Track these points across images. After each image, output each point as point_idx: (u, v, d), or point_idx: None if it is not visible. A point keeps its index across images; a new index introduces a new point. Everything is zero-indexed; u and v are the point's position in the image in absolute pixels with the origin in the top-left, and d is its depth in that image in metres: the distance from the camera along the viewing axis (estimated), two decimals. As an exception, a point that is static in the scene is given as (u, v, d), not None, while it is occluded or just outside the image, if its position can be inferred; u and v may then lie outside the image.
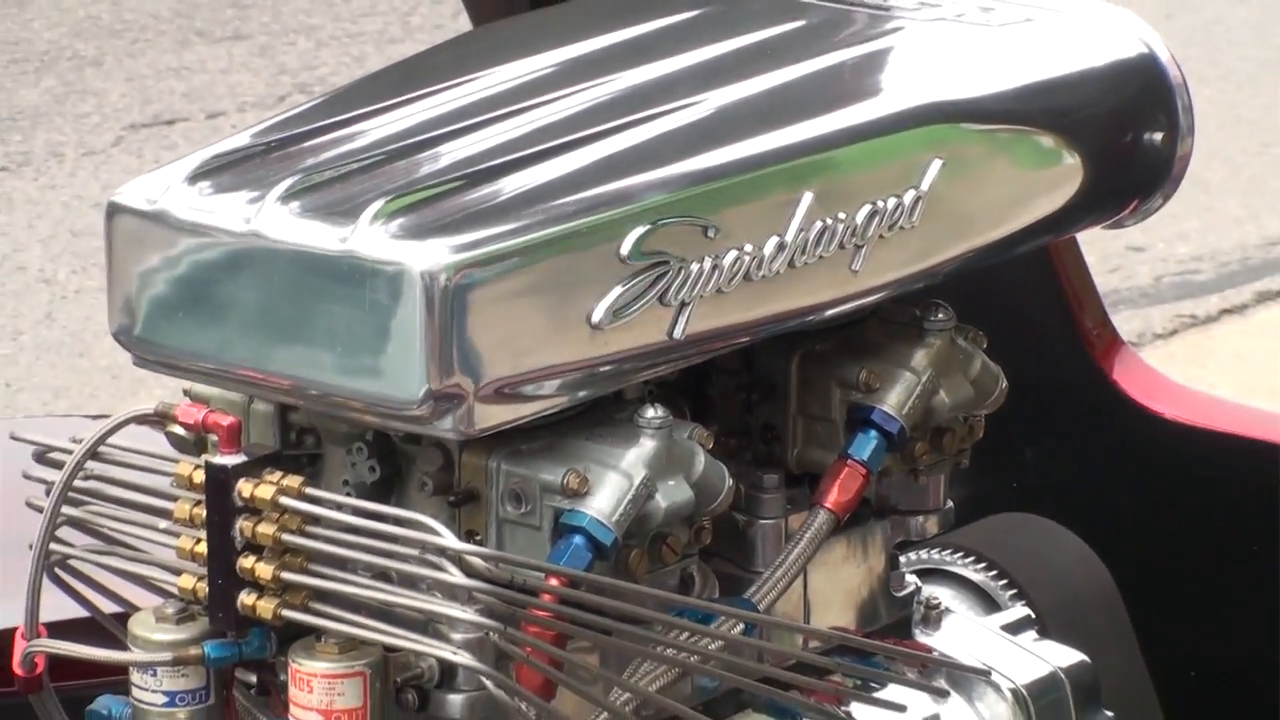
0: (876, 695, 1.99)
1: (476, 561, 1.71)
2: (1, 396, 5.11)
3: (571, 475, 1.76)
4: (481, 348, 1.71)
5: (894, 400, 1.97)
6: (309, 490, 1.76)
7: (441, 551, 1.71)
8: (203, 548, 1.77)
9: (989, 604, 2.26)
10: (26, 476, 1.88)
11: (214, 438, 1.79)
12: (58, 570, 1.87)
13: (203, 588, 1.78)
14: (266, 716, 1.87)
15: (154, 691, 1.82)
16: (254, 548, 1.75)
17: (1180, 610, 2.37)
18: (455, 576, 1.70)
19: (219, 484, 1.75)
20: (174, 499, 1.80)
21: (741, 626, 1.88)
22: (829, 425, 2.00)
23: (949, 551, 2.27)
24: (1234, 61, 6.58)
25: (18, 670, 1.87)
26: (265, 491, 1.74)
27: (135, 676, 1.82)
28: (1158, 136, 2.09)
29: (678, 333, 1.79)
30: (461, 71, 1.97)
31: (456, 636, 1.74)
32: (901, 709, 1.99)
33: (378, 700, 1.78)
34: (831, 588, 2.04)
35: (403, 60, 1.99)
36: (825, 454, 1.99)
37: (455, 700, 1.80)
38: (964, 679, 2.07)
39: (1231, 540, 2.41)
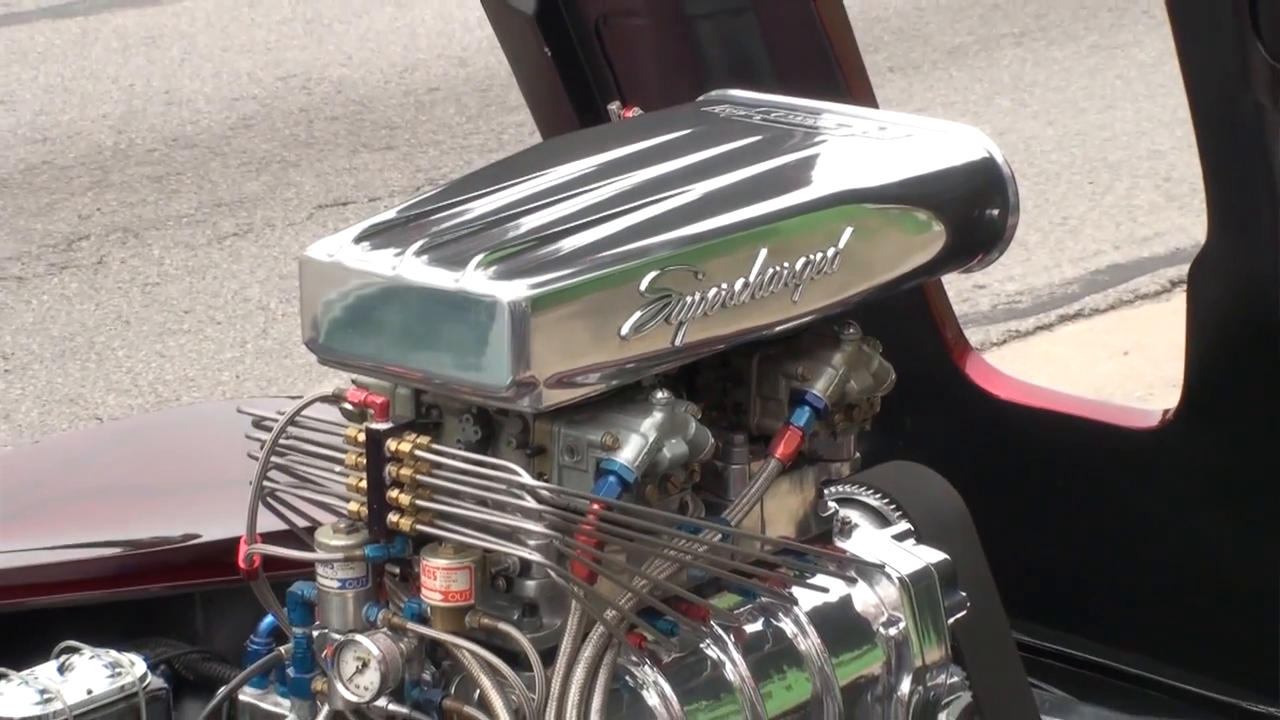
0: (809, 581, 2.10)
1: (544, 493, 1.85)
2: (232, 385, 5.32)
3: (607, 436, 1.90)
4: (546, 352, 1.84)
5: (820, 386, 2.07)
6: (433, 445, 1.89)
7: (521, 486, 1.85)
8: (364, 484, 1.90)
9: (883, 521, 2.28)
10: (248, 436, 2.00)
11: (371, 411, 1.90)
12: (269, 499, 1.99)
13: (364, 511, 1.91)
14: (407, 596, 1.94)
15: (332, 579, 1.93)
16: (397, 484, 1.88)
17: (1009, 526, 2.37)
18: (530, 503, 1.84)
19: (374, 442, 1.88)
20: (345, 452, 1.92)
21: (719, 536, 2.00)
22: (777, 403, 2.09)
23: (856, 487, 2.29)
24: (1044, 164, 6.77)
25: (241, 565, 1.99)
26: (405, 447, 1.87)
27: (319, 569, 1.94)
28: (995, 212, 2.17)
29: (678, 342, 1.92)
30: (534, 169, 2.08)
31: (530, 542, 1.85)
32: (825, 590, 2.11)
33: (479, 585, 1.91)
34: (778, 510, 2.12)
35: (496, 162, 2.11)
36: (775, 422, 2.08)
37: (530, 585, 1.93)
38: (867, 571, 2.17)
39: (1044, 479, 2.50)
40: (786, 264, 1.99)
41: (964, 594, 2.23)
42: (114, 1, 8.65)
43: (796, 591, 2.11)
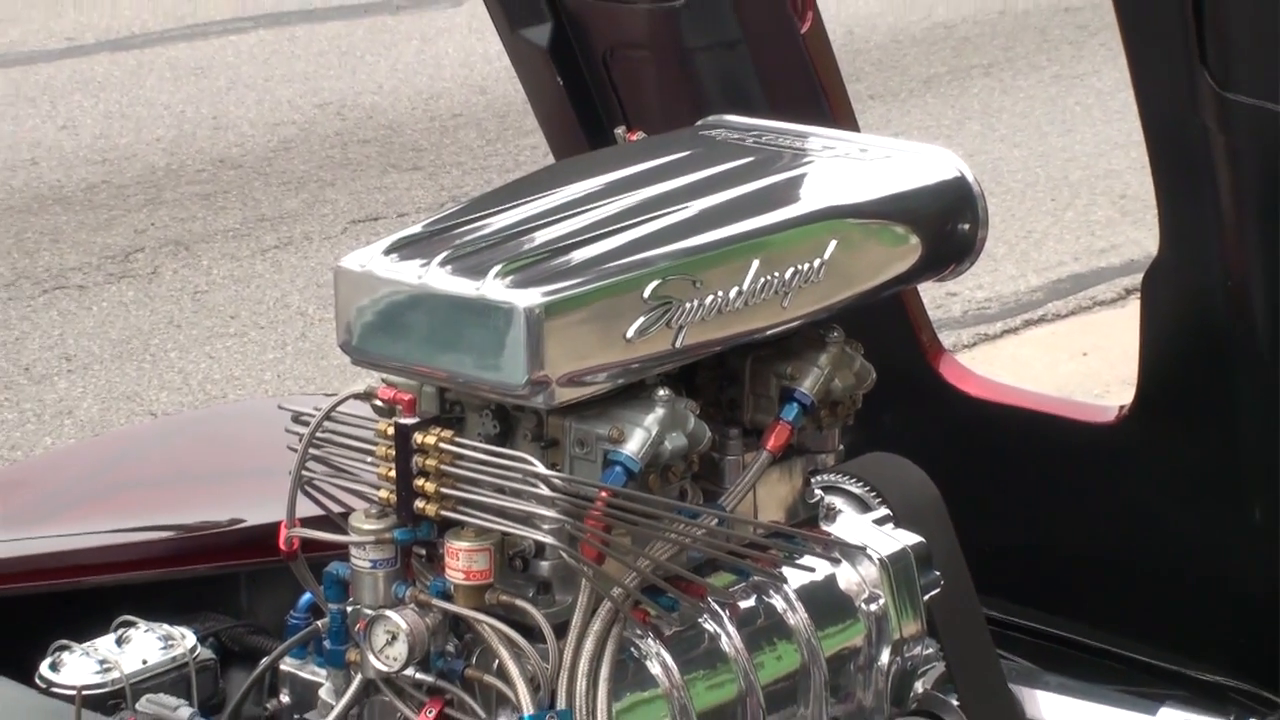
0: (797, 562, 2.11)
1: (556, 481, 1.85)
2: (273, 384, 5.34)
3: (614, 430, 1.90)
4: (558, 354, 1.84)
5: (808, 384, 2.06)
6: (456, 439, 1.89)
7: (536, 475, 1.85)
8: (393, 474, 1.90)
9: (864, 507, 2.27)
10: (288, 430, 2.00)
11: (400, 408, 1.91)
12: (307, 487, 1.99)
13: (393, 498, 1.91)
14: (432, 575, 1.94)
15: (364, 560, 1.94)
16: (423, 473, 1.88)
17: (979, 512, 2.35)
18: (544, 491, 1.84)
19: (403, 436, 1.89)
20: (376, 444, 1.93)
21: (716, 520, 2.01)
22: (769, 400, 2.08)
23: (840, 476, 2.27)
24: (1011, 182, 6.76)
25: (282, 547, 1.99)
26: (430, 440, 1.88)
27: (353, 551, 1.94)
28: (966, 226, 2.16)
29: (678, 344, 1.92)
30: (547, 188, 2.07)
31: (544, 526, 1.86)
32: (811, 570, 2.12)
33: (497, 565, 1.91)
34: (769, 497, 2.11)
35: (512, 181, 2.12)
36: (766, 417, 2.08)
37: (544, 565, 1.93)
38: (850, 552, 2.17)
39: (1011, 469, 2.50)
40: (777, 273, 1.99)
41: (938, 573, 2.22)
42: (166, 35, 8.67)
43: (786, 571, 2.12)
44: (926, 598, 2.21)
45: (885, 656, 2.17)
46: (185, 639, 2.22)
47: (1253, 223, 2.23)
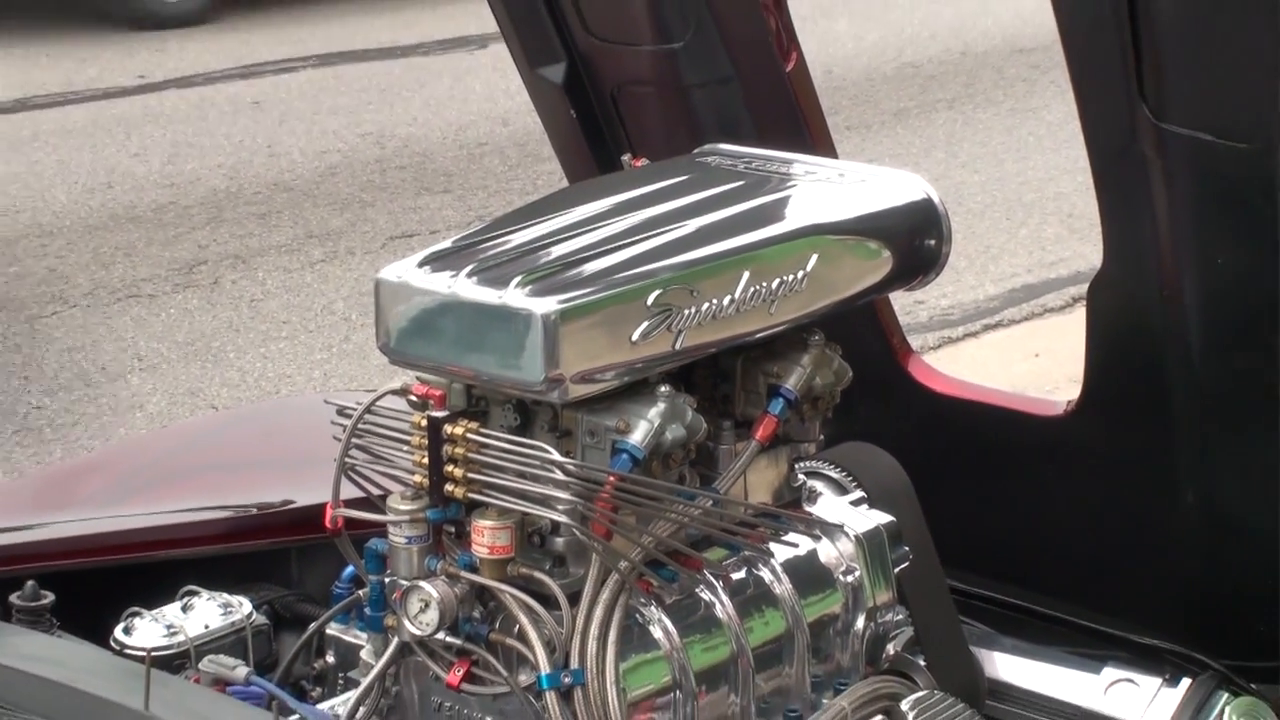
0: (782, 539, 2.11)
1: (570, 467, 1.86)
2: (320, 381, 5.35)
3: (620, 422, 1.90)
4: (571, 354, 1.84)
5: (792, 382, 2.07)
6: (481, 430, 1.90)
7: (551, 462, 1.85)
8: (425, 461, 1.91)
9: (841, 490, 2.25)
10: (333, 422, 2.01)
11: (432, 402, 1.92)
12: (350, 472, 2.00)
13: (425, 482, 1.91)
14: (460, 550, 1.94)
15: (400, 536, 1.93)
16: (452, 460, 1.89)
17: (943, 494, 2.33)
18: (559, 475, 1.85)
19: (434, 427, 1.89)
20: (411, 435, 1.93)
21: (710, 502, 2.01)
22: (757, 395, 2.08)
23: (820, 463, 2.25)
24: (971, 203, 6.79)
25: (328, 525, 2.00)
26: (459, 431, 1.88)
27: (390, 529, 1.94)
28: (932, 242, 2.16)
29: (677, 346, 1.92)
30: (561, 208, 2.08)
31: (559, 507, 1.86)
32: (795, 545, 2.12)
33: (518, 541, 1.91)
34: (758, 481, 2.11)
35: (531, 202, 2.12)
36: (755, 410, 2.08)
37: (559, 541, 1.93)
38: (829, 530, 2.16)
39: (971, 456, 2.48)
40: (764, 284, 1.99)
41: (907, 549, 2.22)
42: (226, 74, 8.70)
43: (773, 547, 2.11)
44: (897, 570, 2.20)
45: (860, 622, 2.17)
46: (242, 606, 2.23)
47: (1186, 239, 2.23)
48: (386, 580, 1.97)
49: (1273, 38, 1.99)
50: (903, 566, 2.21)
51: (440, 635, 1.91)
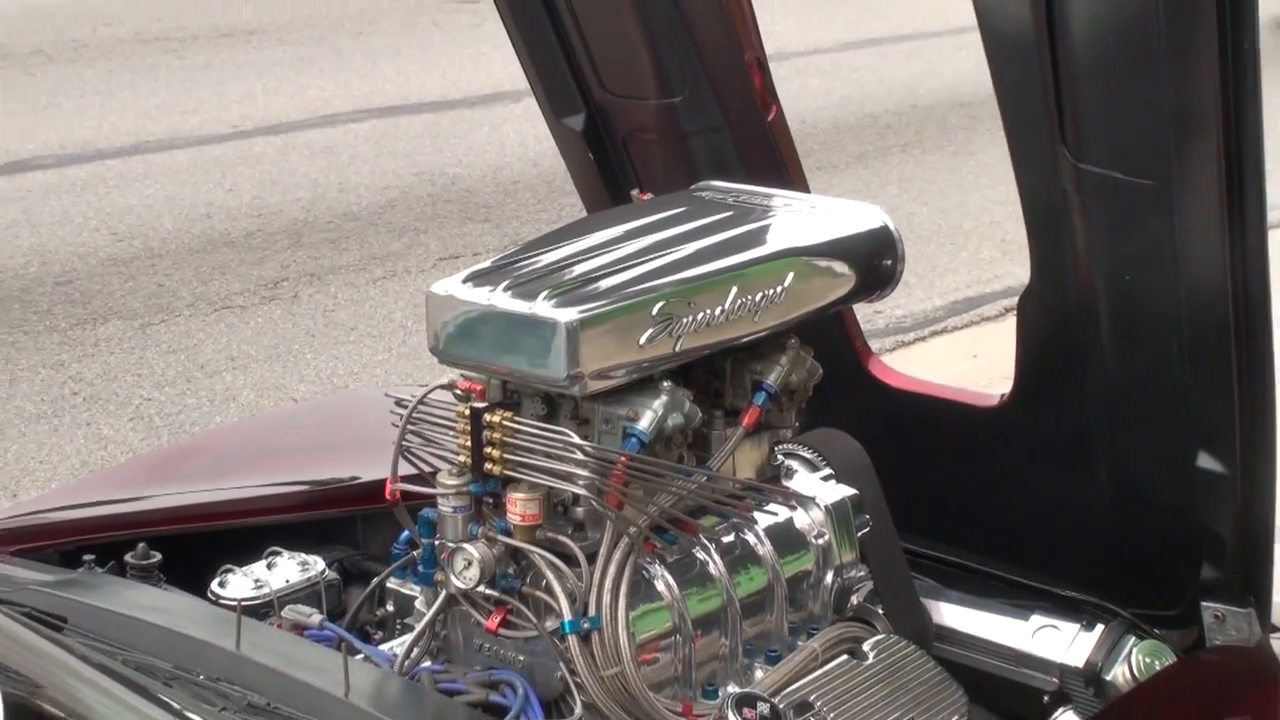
0: (764, 509, 2.11)
1: (588, 449, 1.86)
2: (382, 378, 5.32)
3: (630, 411, 1.90)
4: (589, 356, 1.84)
5: (773, 378, 2.07)
6: (515, 418, 1.90)
7: (573, 445, 1.85)
8: (469, 444, 1.90)
9: (813, 468, 2.24)
10: (392, 411, 2.00)
11: (474, 395, 1.92)
12: (406, 453, 1.99)
13: (468, 461, 1.91)
14: (497, 518, 1.93)
15: (448, 506, 1.93)
16: (490, 443, 1.89)
17: (898, 471, 2.31)
18: (579, 456, 1.85)
19: (476, 416, 1.89)
20: (456, 422, 1.93)
21: (705, 478, 2.00)
22: (744, 389, 2.08)
23: (796, 445, 2.25)
24: (921, 230, 6.74)
25: (388, 497, 1.98)
26: (496, 419, 1.88)
27: (439, 500, 1.94)
28: (888, 262, 2.15)
29: (677, 349, 1.91)
30: (580, 234, 2.07)
31: (579, 482, 1.85)
32: (775, 514, 2.12)
33: (545, 511, 1.90)
34: (744, 461, 2.11)
35: (555, 229, 2.11)
36: (742, 402, 2.08)
37: (579, 510, 1.93)
38: (803, 501, 2.16)
39: (921, 440, 2.46)
40: (750, 297, 1.98)
41: (867, 516, 2.21)
42: (305, 123, 8.70)
43: (756, 515, 2.11)
44: (859, 534, 2.19)
45: (829, 578, 2.16)
46: (317, 564, 2.22)
47: (1099, 259, 2.22)
48: (436, 543, 1.97)
49: (1168, 91, 1.98)
50: (864, 531, 2.20)
51: (481, 588, 1.91)
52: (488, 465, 1.90)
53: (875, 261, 2.14)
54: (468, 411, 1.90)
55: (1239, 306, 2.02)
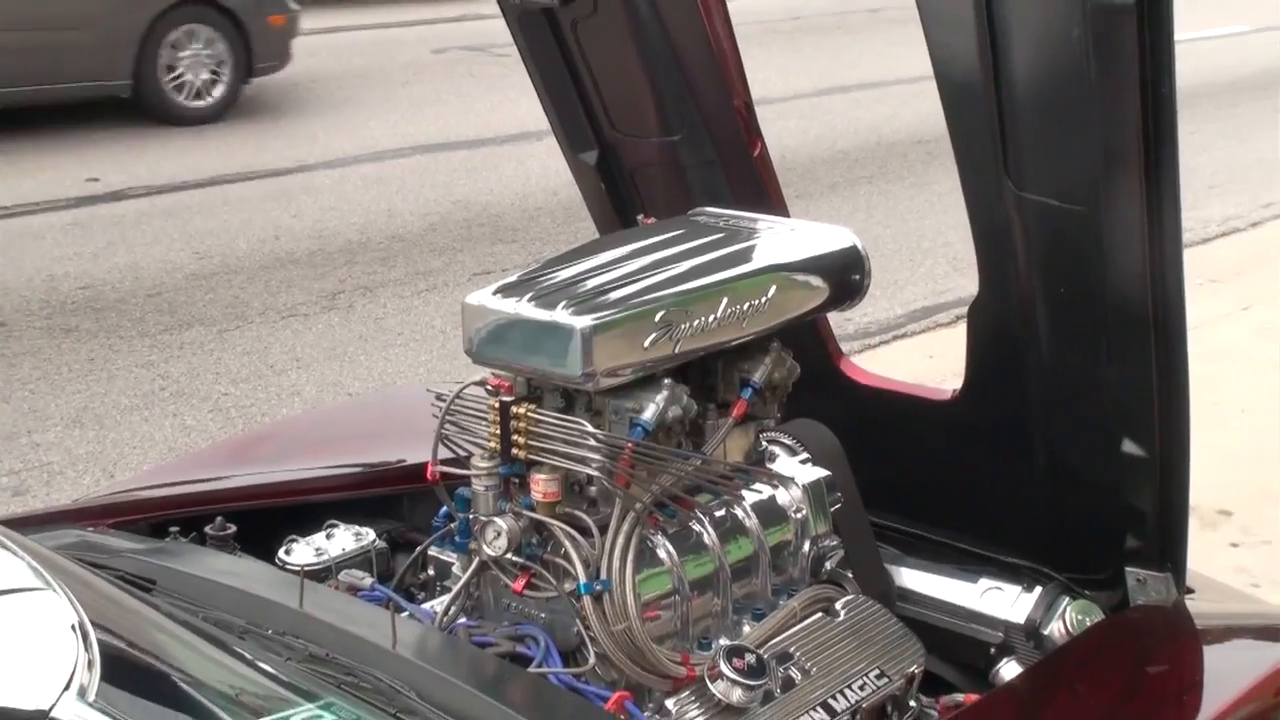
0: (751, 488, 2.08)
1: (600, 436, 1.83)
2: (424, 376, 5.28)
3: (636, 404, 1.86)
4: (601, 357, 1.81)
5: (758, 376, 2.04)
6: (537, 410, 1.88)
7: (587, 433, 1.84)
8: (498, 431, 1.88)
9: (793, 453, 2.23)
10: (433, 404, 1.98)
11: (502, 390, 1.90)
12: (445, 441, 1.97)
13: (498, 447, 1.88)
14: (522, 495, 1.90)
15: (480, 485, 1.91)
16: (517, 431, 1.87)
17: (865, 456, 2.29)
18: (592, 443, 1.83)
19: (504, 408, 1.88)
20: (487, 413, 1.91)
21: (700, 461, 1.98)
22: (733, 385, 2.05)
23: (777, 433, 2.23)
24: (885, 250, 6.70)
25: (429, 477, 1.97)
26: (521, 410, 1.87)
27: (473, 480, 1.89)
28: (857, 277, 2.12)
29: (676, 351, 1.88)
30: (594, 253, 2.04)
31: (593, 465, 1.83)
32: (760, 492, 2.08)
33: (564, 489, 1.89)
34: (734, 447, 2.08)
35: (571, 249, 2.07)
36: (731, 396, 2.05)
37: (593, 489, 1.91)
38: (784, 481, 2.12)
39: (885, 429, 2.44)
40: (738, 306, 1.96)
41: (839, 494, 2.19)
42: (359, 158, 8.68)
43: (744, 493, 2.09)
44: (832, 510, 2.17)
45: (806, 546, 2.14)
46: (368, 535, 2.20)
47: (1037, 274, 2.21)
48: (470, 516, 1.94)
49: (1097, 130, 1.97)
50: (835, 507, 2.18)
51: (508, 556, 1.90)
52: (514, 450, 1.89)
53: (845, 276, 2.12)
54: (497, 404, 1.89)
55: (1157, 314, 2.01)
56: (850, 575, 2.20)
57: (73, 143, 8.51)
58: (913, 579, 2.41)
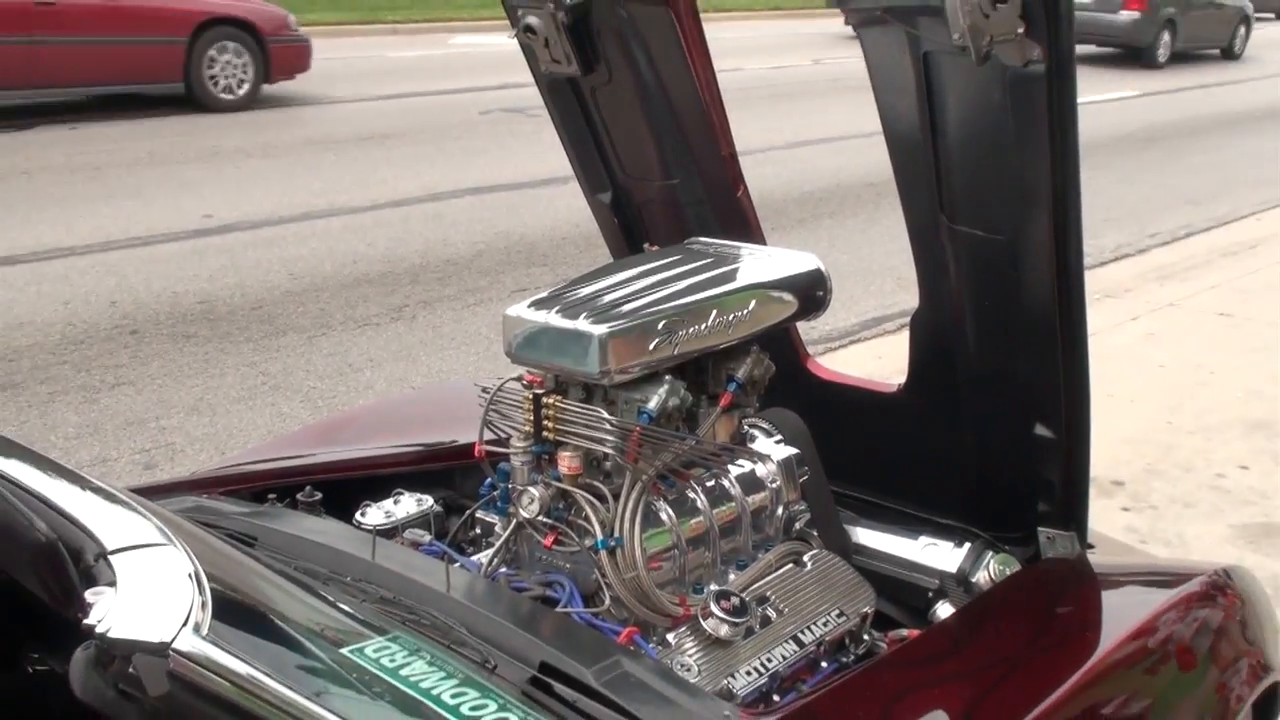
0: (735, 463, 2.04)
1: (614, 421, 1.80)
2: (472, 373, 5.29)
3: (643, 395, 1.84)
4: (615, 358, 1.79)
5: (741, 373, 2.00)
6: (563, 400, 1.85)
7: (603, 419, 1.81)
8: (532, 417, 1.86)
9: (769, 435, 2.19)
10: (479, 396, 1.95)
11: (535, 385, 1.88)
12: (490, 425, 1.94)
13: (531, 430, 1.84)
14: (551, 469, 1.86)
15: (517, 460, 1.87)
16: (547, 418, 1.84)
17: (828, 438, 2.28)
18: (608, 427, 1.80)
19: (536, 400, 1.86)
20: (523, 403, 1.87)
21: (694, 442, 1.96)
22: (721, 380, 2.01)
23: (756, 419, 2.21)
24: (843, 272, 6.73)
25: (476, 454, 1.94)
26: (550, 400, 1.84)
27: (512, 456, 1.89)
28: (821, 293, 2.09)
29: (675, 352, 1.84)
30: (609, 275, 2.01)
31: (608, 444, 1.81)
32: (742, 466, 2.06)
33: (584, 464, 1.84)
34: (721, 431, 2.01)
35: (591, 270, 2.04)
36: (719, 389, 2.01)
37: (608, 464, 1.86)
38: (762, 458, 2.08)
39: (842, 417, 2.40)
40: (725, 317, 1.94)
41: (806, 468, 2.17)
42: (418, 199, 8.67)
43: (730, 467, 2.07)
44: (800, 481, 2.16)
45: (779, 510, 2.12)
46: (428, 501, 2.18)
47: (967, 291, 2.21)
48: (510, 486, 1.92)
49: (1014, 172, 1.96)
50: (803, 479, 2.17)
51: (540, 518, 1.88)
52: (545, 433, 1.86)
53: (811, 293, 2.08)
54: (531, 396, 1.86)
55: (1063, 323, 2.01)
56: (815, 533, 2.20)
57: (193, 184, 8.55)
58: (866, 536, 2.40)
